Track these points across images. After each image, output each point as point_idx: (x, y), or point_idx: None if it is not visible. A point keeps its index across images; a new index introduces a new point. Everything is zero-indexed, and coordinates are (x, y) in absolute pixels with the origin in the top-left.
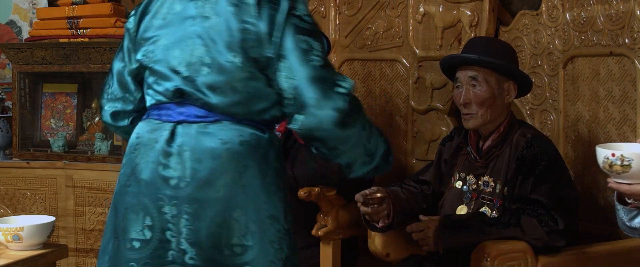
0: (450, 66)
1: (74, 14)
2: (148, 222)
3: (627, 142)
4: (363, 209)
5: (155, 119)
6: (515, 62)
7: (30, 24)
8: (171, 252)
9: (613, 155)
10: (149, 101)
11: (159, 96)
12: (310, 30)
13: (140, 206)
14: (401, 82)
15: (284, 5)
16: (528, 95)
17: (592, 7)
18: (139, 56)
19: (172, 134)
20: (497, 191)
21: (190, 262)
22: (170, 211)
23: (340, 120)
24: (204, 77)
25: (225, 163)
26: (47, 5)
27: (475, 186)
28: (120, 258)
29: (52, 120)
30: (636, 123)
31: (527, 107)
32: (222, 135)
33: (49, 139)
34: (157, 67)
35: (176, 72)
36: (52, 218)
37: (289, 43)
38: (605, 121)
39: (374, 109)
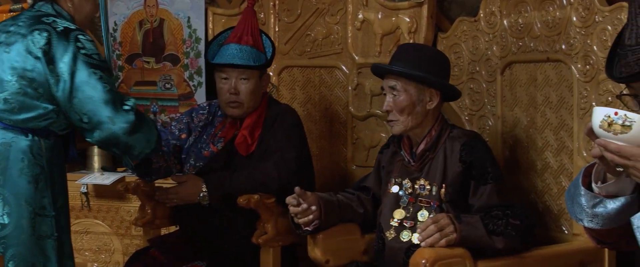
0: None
1: None
2: None
3: (566, 146)
4: (293, 209)
5: None
6: (443, 69)
7: None
8: None
9: (616, 113)
10: None
11: None
12: (98, 64)
13: None
14: (340, 89)
15: (72, 47)
16: (466, 101)
17: (530, 14)
18: None
19: None
20: (434, 193)
21: None
22: None
23: (130, 130)
24: None
25: None
26: None
27: (411, 190)
28: None
29: None
30: (573, 128)
31: (466, 113)
32: None
33: None
34: None
35: None
36: None
37: (82, 75)
38: (543, 126)
39: (313, 116)
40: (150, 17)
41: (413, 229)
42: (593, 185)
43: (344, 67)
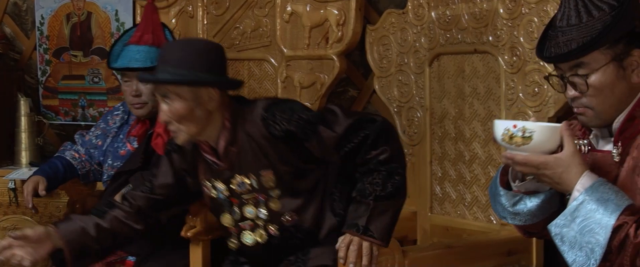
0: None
1: None
2: None
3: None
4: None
5: None
6: (215, 62)
7: None
8: None
9: (514, 126)
10: None
11: None
12: None
13: None
14: (269, 82)
15: None
16: (395, 92)
17: (457, 6)
18: None
19: None
20: (255, 186)
21: None
22: None
23: None
24: None
25: None
26: None
27: (228, 191)
28: None
29: None
30: (501, 119)
31: (395, 105)
32: None
33: None
34: None
35: None
36: None
37: None
38: (471, 117)
39: None
40: (77, 10)
41: (253, 229)
42: (511, 183)
43: (272, 60)
